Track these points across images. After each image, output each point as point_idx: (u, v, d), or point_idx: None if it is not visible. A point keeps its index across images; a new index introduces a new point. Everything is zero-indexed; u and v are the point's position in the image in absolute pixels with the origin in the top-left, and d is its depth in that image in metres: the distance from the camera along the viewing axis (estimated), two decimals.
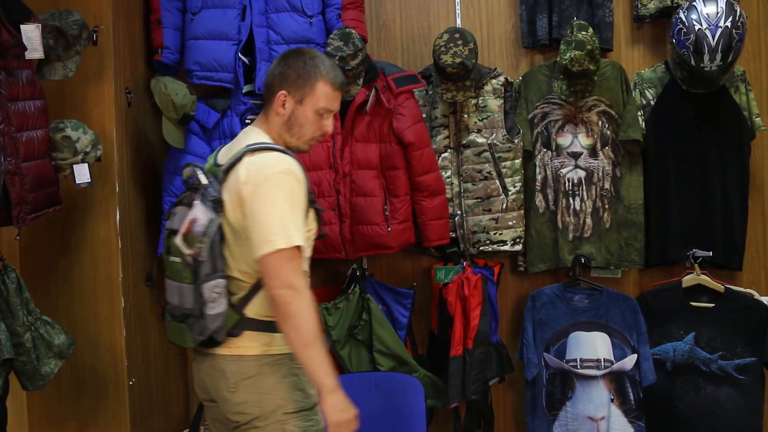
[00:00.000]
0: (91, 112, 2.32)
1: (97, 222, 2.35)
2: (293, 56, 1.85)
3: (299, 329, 1.65)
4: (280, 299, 1.65)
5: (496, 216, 2.68)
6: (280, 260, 1.65)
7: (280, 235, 1.65)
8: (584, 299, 2.69)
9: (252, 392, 1.75)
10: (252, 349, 1.76)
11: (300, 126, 1.82)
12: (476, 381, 2.54)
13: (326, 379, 1.67)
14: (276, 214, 1.67)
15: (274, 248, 1.64)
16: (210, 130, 2.67)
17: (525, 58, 2.84)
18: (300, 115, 1.81)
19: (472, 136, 2.68)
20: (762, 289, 2.74)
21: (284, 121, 1.82)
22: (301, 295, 1.66)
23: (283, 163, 1.73)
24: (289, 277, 1.65)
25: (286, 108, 1.81)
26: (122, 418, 2.36)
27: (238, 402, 1.76)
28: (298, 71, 1.81)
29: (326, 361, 1.68)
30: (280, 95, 1.81)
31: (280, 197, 1.69)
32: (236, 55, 2.62)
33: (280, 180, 1.70)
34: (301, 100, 1.81)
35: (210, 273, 1.72)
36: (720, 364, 2.64)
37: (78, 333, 2.26)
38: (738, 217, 2.67)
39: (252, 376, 1.75)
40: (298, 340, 1.66)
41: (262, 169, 1.72)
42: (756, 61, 2.75)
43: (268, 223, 1.67)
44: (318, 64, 1.82)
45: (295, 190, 1.72)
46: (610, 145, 2.70)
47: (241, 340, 1.76)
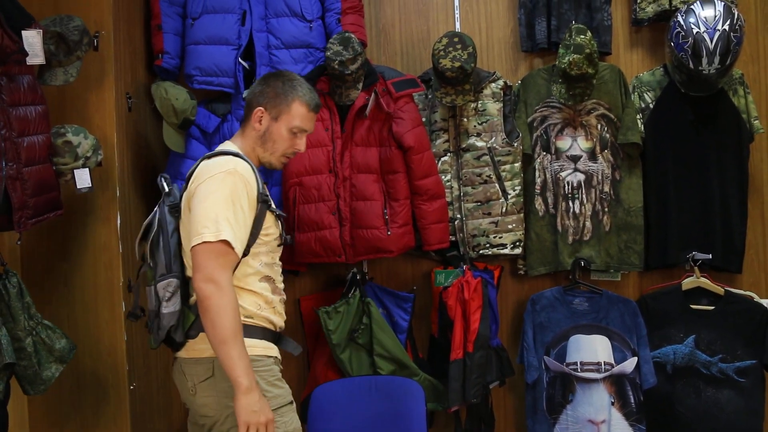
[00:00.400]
0: (92, 117, 2.33)
1: (98, 227, 2.35)
2: (273, 77, 1.97)
3: (215, 324, 1.67)
4: (200, 292, 1.69)
5: (496, 219, 2.69)
6: (206, 253, 1.69)
7: (209, 228, 1.70)
8: (584, 302, 2.69)
9: (210, 394, 1.80)
10: (205, 351, 1.79)
11: (273, 142, 1.92)
12: (476, 384, 2.54)
13: (241, 377, 1.66)
14: (209, 209, 1.73)
15: (201, 240, 1.70)
16: (210, 134, 2.68)
17: (524, 62, 2.85)
18: (274, 132, 1.92)
19: (472, 140, 2.69)
20: (762, 291, 2.74)
21: (259, 135, 1.92)
22: (222, 290, 1.68)
23: (229, 163, 1.81)
24: (212, 270, 1.68)
25: (262, 124, 1.92)
26: (123, 422, 2.36)
27: (200, 404, 1.83)
28: (276, 90, 1.92)
29: (243, 359, 1.68)
30: (258, 111, 1.92)
31: (217, 194, 1.74)
32: (236, 60, 2.63)
33: (222, 178, 1.77)
34: (277, 117, 1.91)
35: (164, 273, 1.81)
36: (720, 367, 2.64)
37: (79, 337, 2.26)
38: (737, 219, 2.67)
39: (208, 378, 1.79)
40: (215, 336, 1.68)
41: (208, 168, 1.81)
42: (754, 64, 2.76)
43: (200, 217, 1.73)
44: (296, 85, 1.94)
45: (237, 189, 1.77)
46: (609, 149, 2.71)
47: (197, 342, 1.81)
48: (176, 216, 1.85)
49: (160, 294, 1.80)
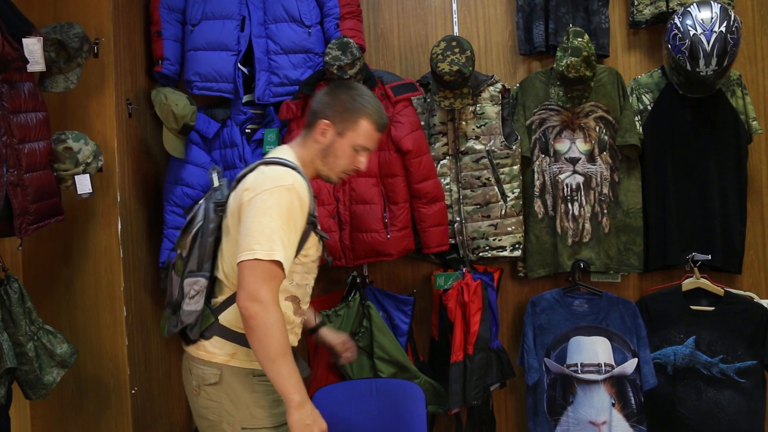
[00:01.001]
0: (92, 123, 2.35)
1: (98, 232, 2.37)
2: (343, 89, 1.89)
3: (263, 344, 1.64)
4: (246, 311, 1.64)
5: (495, 222, 2.70)
6: (255, 271, 1.64)
7: (262, 246, 1.64)
8: (584, 304, 2.69)
9: (213, 399, 1.78)
10: (216, 356, 1.78)
11: (335, 157, 1.85)
12: (477, 386, 2.54)
13: (292, 394, 1.65)
14: (265, 225, 1.66)
15: (252, 257, 1.64)
16: (210, 139, 2.70)
17: (522, 65, 2.86)
18: (338, 147, 1.85)
19: (471, 143, 2.70)
20: (762, 292, 2.74)
21: (321, 149, 1.85)
22: (268, 309, 1.63)
23: (287, 178, 1.73)
24: (258, 289, 1.63)
25: (326, 137, 1.84)
26: (125, 426, 2.38)
27: (201, 406, 1.81)
28: (345, 104, 1.84)
29: (293, 376, 1.66)
30: (322, 123, 1.84)
31: (274, 210, 1.68)
32: (236, 66, 2.65)
33: (280, 194, 1.69)
34: (342, 132, 1.84)
35: (194, 270, 1.78)
36: (721, 368, 2.64)
37: (80, 342, 2.27)
38: (736, 220, 2.67)
39: (214, 384, 1.77)
40: (263, 355, 1.65)
41: (266, 179, 1.73)
42: (752, 65, 2.77)
43: (255, 232, 1.66)
44: (366, 102, 1.86)
45: (293, 207, 1.71)
46: (607, 151, 2.71)
47: (210, 344, 1.79)
48: (220, 214, 1.79)
49: (186, 290, 1.78)
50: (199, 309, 1.77)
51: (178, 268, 1.82)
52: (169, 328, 1.83)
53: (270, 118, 2.70)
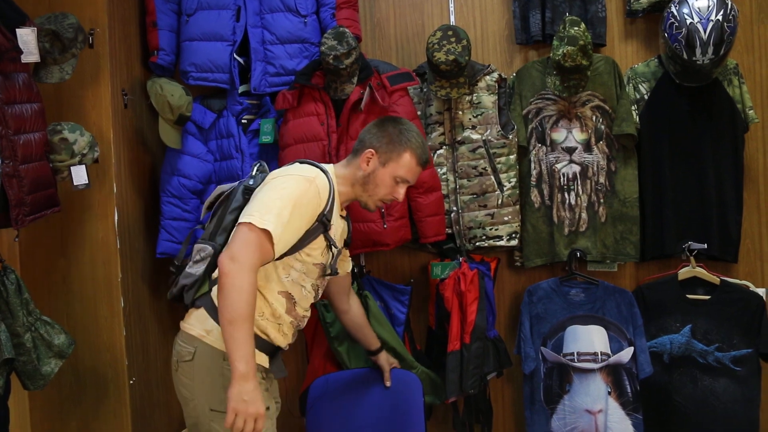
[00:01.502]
0: (88, 114, 2.35)
1: (95, 223, 2.37)
2: (392, 123, 2.01)
3: (227, 302, 1.63)
4: (222, 267, 1.65)
5: (492, 211, 2.70)
6: (244, 234, 1.69)
7: (259, 212, 1.71)
8: (581, 293, 2.70)
9: (187, 376, 1.83)
10: (193, 328, 1.84)
11: (376, 186, 1.96)
12: (474, 375, 2.56)
13: (239, 362, 1.61)
14: (271, 199, 1.74)
15: (247, 220, 1.70)
16: (206, 130, 2.69)
17: (518, 55, 2.85)
18: (378, 176, 1.95)
19: (467, 133, 2.70)
20: (758, 280, 2.75)
21: (363, 176, 1.95)
22: (242, 271, 1.64)
23: (312, 173, 1.84)
24: (241, 250, 1.66)
25: (369, 165, 1.95)
26: (123, 416, 2.39)
27: (177, 382, 1.88)
28: (392, 136, 1.96)
29: (246, 345, 1.62)
30: (368, 152, 1.95)
31: (285, 191, 1.76)
32: (231, 56, 2.64)
33: (297, 180, 1.80)
34: (385, 163, 1.95)
35: (206, 238, 1.89)
36: (717, 356, 2.65)
37: (78, 333, 2.28)
38: (733, 209, 2.67)
39: (188, 361, 1.82)
40: (224, 314, 1.63)
41: (291, 169, 1.87)
42: (749, 54, 2.76)
43: (258, 202, 1.76)
44: (411, 137, 1.98)
45: (305, 196, 1.78)
46: (604, 140, 2.71)
47: (194, 315, 1.86)
48: (246, 197, 1.87)
49: (193, 253, 1.89)
50: (198, 274, 1.85)
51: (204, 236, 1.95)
52: (171, 288, 1.95)
53: (266, 109, 2.70)
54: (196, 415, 1.83)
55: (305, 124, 2.56)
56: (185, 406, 1.87)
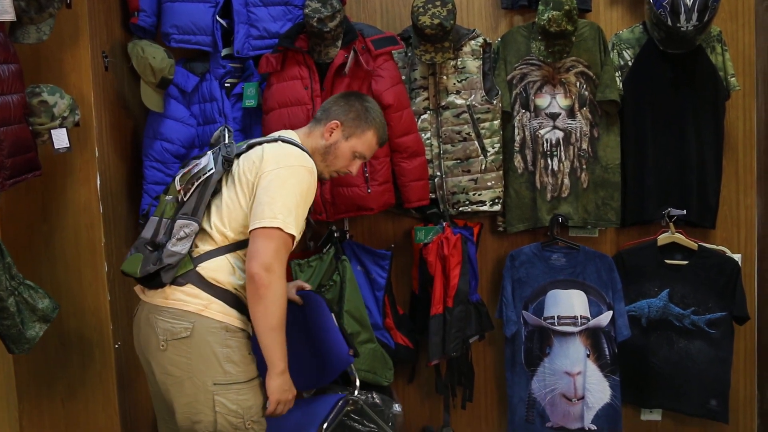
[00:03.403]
0: (67, 76, 2.30)
1: (77, 187, 2.35)
2: (356, 98, 2.04)
3: (268, 313, 1.74)
4: (259, 279, 1.72)
5: (475, 177, 2.71)
6: (272, 240, 1.73)
7: (284, 216, 1.74)
8: (562, 258, 2.73)
9: (181, 353, 1.80)
10: (189, 304, 1.80)
11: (335, 157, 1.99)
12: (456, 339, 2.60)
13: (281, 362, 1.78)
14: (288, 198, 1.77)
15: (274, 225, 1.73)
16: (189, 93, 2.66)
17: (504, 20, 2.83)
18: (340, 148, 1.98)
19: (451, 98, 2.69)
20: (734, 246, 2.81)
21: (325, 146, 1.98)
22: (279, 280, 1.74)
23: (309, 162, 1.87)
24: (274, 260, 1.73)
25: (333, 137, 1.98)
26: (109, 380, 2.40)
27: (167, 362, 1.81)
28: (358, 112, 2.00)
29: (283, 346, 1.79)
30: (333, 123, 1.98)
31: (297, 188, 1.79)
32: (214, 18, 2.60)
33: (303, 174, 1.82)
34: (349, 137, 1.99)
35: (188, 213, 1.83)
36: (693, 319, 2.71)
37: (62, 298, 2.28)
38: (712, 176, 2.71)
39: (183, 338, 1.79)
40: (266, 323, 1.74)
41: (291, 157, 1.84)
42: (733, 21, 2.77)
43: (278, 203, 1.75)
44: (376, 116, 2.03)
45: (310, 190, 1.84)
46: (587, 106, 2.72)
47: (183, 292, 1.80)
48: (227, 169, 1.86)
49: (175, 230, 1.81)
50: (184, 252, 1.80)
51: (167, 211, 1.87)
52: (145, 266, 1.82)
53: (249, 72, 2.67)
54: (193, 392, 1.79)
55: (289, 87, 2.54)
56: (176, 386, 1.81)
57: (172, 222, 1.83)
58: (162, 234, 1.84)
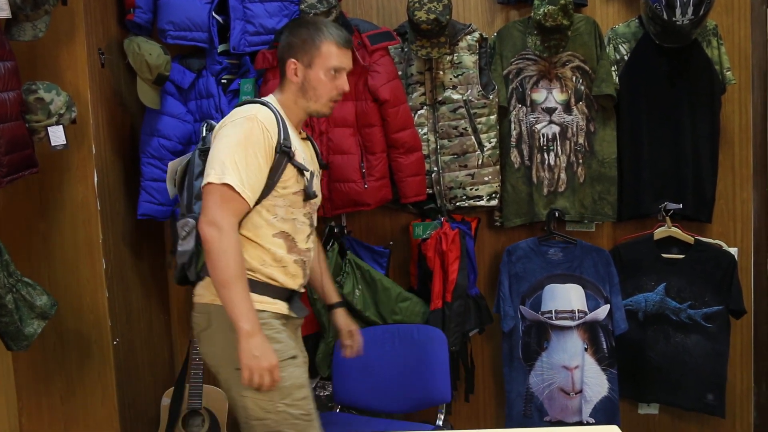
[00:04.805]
0: (63, 73, 2.30)
1: (74, 184, 2.35)
2: (296, 26, 1.94)
3: (216, 267, 1.69)
4: (203, 235, 1.70)
5: (472, 172, 2.72)
6: (209, 195, 1.71)
7: (215, 170, 1.71)
8: (559, 252, 2.74)
9: (208, 344, 1.85)
10: (204, 297, 1.84)
11: (314, 89, 1.89)
12: (455, 333, 2.60)
13: (241, 322, 1.67)
14: (220, 151, 1.73)
15: (206, 181, 1.72)
16: (186, 90, 2.66)
17: (500, 14, 2.83)
18: (312, 78, 1.88)
19: (448, 93, 2.70)
20: (730, 240, 2.82)
21: (299, 88, 1.90)
22: (224, 233, 1.68)
23: (251, 110, 1.80)
24: (214, 212, 1.69)
25: (298, 75, 1.89)
26: (108, 376, 2.41)
27: (203, 353, 1.89)
28: (302, 37, 1.89)
29: (244, 303, 1.68)
30: (290, 63, 1.89)
31: (231, 138, 1.74)
32: (210, 14, 2.59)
33: (240, 123, 1.76)
34: (310, 63, 1.88)
35: (184, 213, 1.85)
36: (689, 313, 2.72)
37: (60, 295, 2.28)
38: (708, 170, 2.71)
39: (206, 329, 1.83)
40: (216, 278, 1.70)
41: (231, 114, 1.81)
42: (728, 15, 2.77)
43: (211, 159, 1.75)
44: (320, 26, 1.91)
45: (252, 134, 1.75)
46: (584, 101, 2.73)
47: (201, 286, 1.86)
48: (204, 160, 1.85)
49: (179, 231, 1.84)
50: (190, 248, 1.82)
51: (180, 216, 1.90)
52: (175, 272, 1.91)
53: (246, 68, 2.66)
54: (226, 379, 1.82)
55: None
56: (217, 376, 1.88)
57: (174, 222, 1.87)
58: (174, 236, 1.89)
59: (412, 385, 2.46)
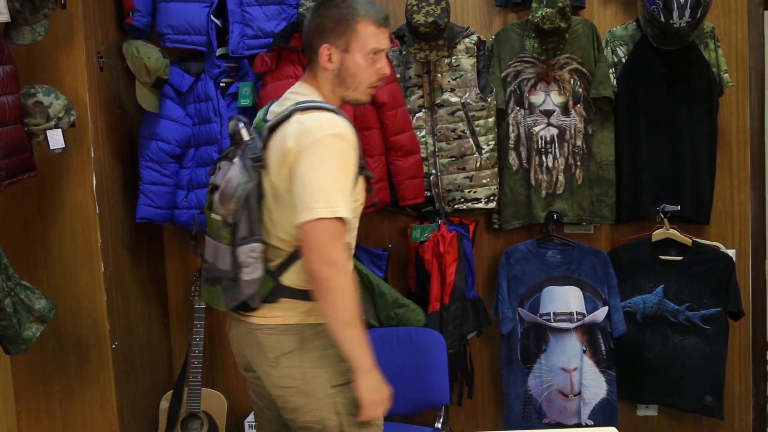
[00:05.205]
0: (62, 77, 2.31)
1: (73, 188, 2.35)
2: (325, 5, 1.71)
3: (337, 307, 1.56)
4: (318, 274, 1.55)
5: (471, 174, 2.72)
6: (321, 232, 1.53)
7: (321, 203, 1.53)
8: (557, 254, 2.75)
9: (295, 366, 1.68)
10: (290, 318, 1.69)
11: (353, 76, 1.70)
12: (453, 335, 2.61)
13: (362, 359, 1.59)
14: (321, 180, 1.55)
15: (315, 216, 1.53)
16: (185, 93, 2.66)
17: (498, 17, 2.84)
18: (351, 65, 1.69)
19: (446, 96, 2.70)
20: (728, 241, 2.82)
21: (335, 75, 1.70)
22: (341, 271, 1.55)
23: (335, 125, 1.61)
24: (328, 250, 1.54)
25: (334, 61, 1.69)
26: (106, 380, 2.41)
27: (281, 375, 1.69)
28: (334, 19, 1.67)
29: (363, 340, 1.60)
30: (323, 49, 1.68)
31: (328, 162, 1.56)
32: (209, 18, 2.60)
33: (331, 144, 1.57)
34: (347, 47, 1.68)
35: (246, 236, 1.62)
36: (687, 315, 2.73)
37: (59, 298, 2.28)
38: (706, 172, 2.72)
39: (293, 350, 1.68)
40: (336, 319, 1.57)
41: (312, 130, 1.59)
42: (725, 17, 2.78)
43: (312, 189, 1.54)
44: (352, 4, 1.69)
45: (346, 155, 1.59)
46: (582, 103, 2.73)
47: (278, 308, 1.68)
48: (260, 170, 1.63)
49: (241, 259, 1.61)
50: (259, 276, 1.63)
51: (223, 235, 1.65)
52: (228, 302, 1.67)
53: (244, 72, 2.67)
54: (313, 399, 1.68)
55: (284, 87, 2.50)
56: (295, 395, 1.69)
57: (234, 249, 1.62)
58: (229, 264, 1.64)
59: (410, 388, 2.46)
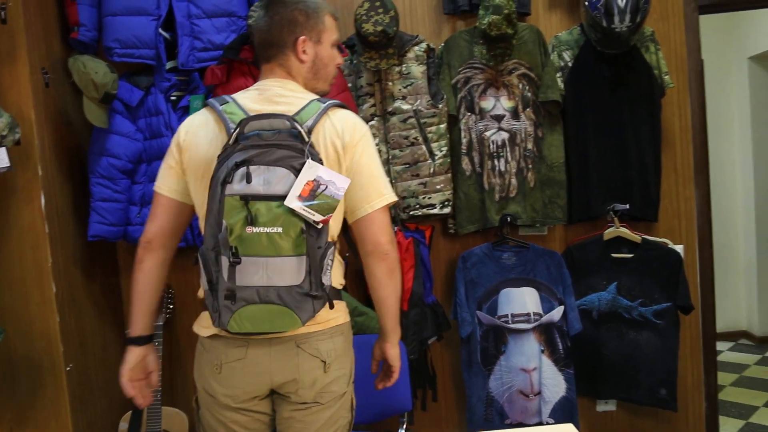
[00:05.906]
0: (5, 93, 2.25)
1: (21, 207, 2.29)
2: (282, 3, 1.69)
3: (399, 283, 1.71)
4: (392, 254, 1.67)
5: (425, 180, 2.75)
6: (386, 215, 1.67)
7: (388, 189, 1.67)
8: (512, 257, 2.79)
9: (344, 365, 1.70)
10: (339, 318, 1.69)
11: (325, 66, 1.73)
12: (413, 341, 2.62)
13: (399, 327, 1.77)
14: (380, 169, 1.68)
15: (387, 201, 1.65)
16: (134, 108, 2.63)
17: (446, 25, 2.88)
18: (324, 55, 1.72)
19: (398, 103, 2.73)
20: (676, 237, 2.91)
21: (309, 67, 1.71)
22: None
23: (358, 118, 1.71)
24: (391, 231, 1.68)
25: (308, 53, 1.69)
26: (62, 403, 2.35)
27: (329, 381, 1.66)
28: (305, 12, 1.68)
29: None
30: (300, 42, 1.68)
31: (376, 154, 1.69)
32: (157, 31, 2.57)
33: (371, 137, 1.70)
34: (319, 39, 1.71)
35: (329, 240, 1.58)
36: (640, 311, 2.80)
37: (9, 322, 2.22)
38: (652, 171, 2.80)
39: (344, 352, 1.70)
40: (397, 294, 1.72)
41: (357, 125, 1.66)
42: (664, 22, 2.88)
43: (379, 178, 1.66)
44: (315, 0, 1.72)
45: None
46: (531, 107, 2.79)
47: (329, 310, 1.63)
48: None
49: (326, 264, 1.54)
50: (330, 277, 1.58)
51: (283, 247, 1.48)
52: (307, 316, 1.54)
53: (195, 85, 2.65)
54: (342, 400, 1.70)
55: None
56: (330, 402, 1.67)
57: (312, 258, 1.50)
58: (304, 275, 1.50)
59: (372, 396, 2.46)
